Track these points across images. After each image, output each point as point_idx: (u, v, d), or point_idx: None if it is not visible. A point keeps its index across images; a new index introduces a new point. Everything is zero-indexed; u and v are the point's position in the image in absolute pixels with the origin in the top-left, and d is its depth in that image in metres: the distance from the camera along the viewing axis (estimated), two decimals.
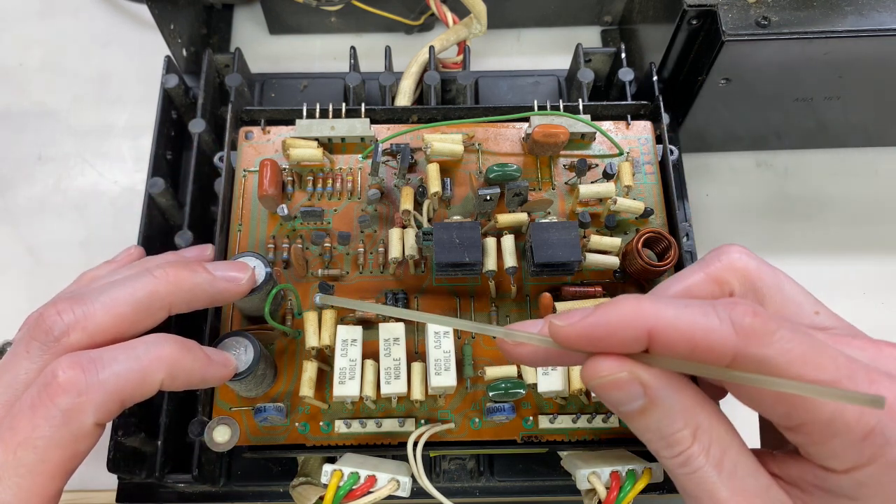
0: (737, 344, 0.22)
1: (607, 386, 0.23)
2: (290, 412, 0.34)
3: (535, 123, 0.38)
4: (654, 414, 0.23)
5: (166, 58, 0.44)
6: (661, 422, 0.23)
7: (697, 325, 0.22)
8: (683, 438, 0.23)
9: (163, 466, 0.36)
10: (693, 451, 0.23)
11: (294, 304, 0.35)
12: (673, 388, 0.23)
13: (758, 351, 0.22)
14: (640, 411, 0.23)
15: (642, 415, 0.23)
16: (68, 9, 0.53)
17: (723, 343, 0.22)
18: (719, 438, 0.23)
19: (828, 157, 0.49)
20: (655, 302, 0.23)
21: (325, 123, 0.38)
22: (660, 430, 0.23)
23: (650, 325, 0.22)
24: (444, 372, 0.32)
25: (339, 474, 0.30)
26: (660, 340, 0.22)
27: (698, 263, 0.26)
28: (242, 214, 0.37)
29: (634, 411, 0.23)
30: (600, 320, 0.23)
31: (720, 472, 0.23)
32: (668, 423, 0.23)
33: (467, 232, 0.34)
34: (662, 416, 0.23)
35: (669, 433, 0.23)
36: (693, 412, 0.23)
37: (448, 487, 0.39)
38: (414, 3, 0.48)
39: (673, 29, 0.40)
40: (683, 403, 0.23)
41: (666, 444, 0.23)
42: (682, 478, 0.24)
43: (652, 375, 0.23)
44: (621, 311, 0.22)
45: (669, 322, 0.22)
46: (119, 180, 0.47)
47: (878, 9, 0.38)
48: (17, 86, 0.50)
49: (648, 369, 0.23)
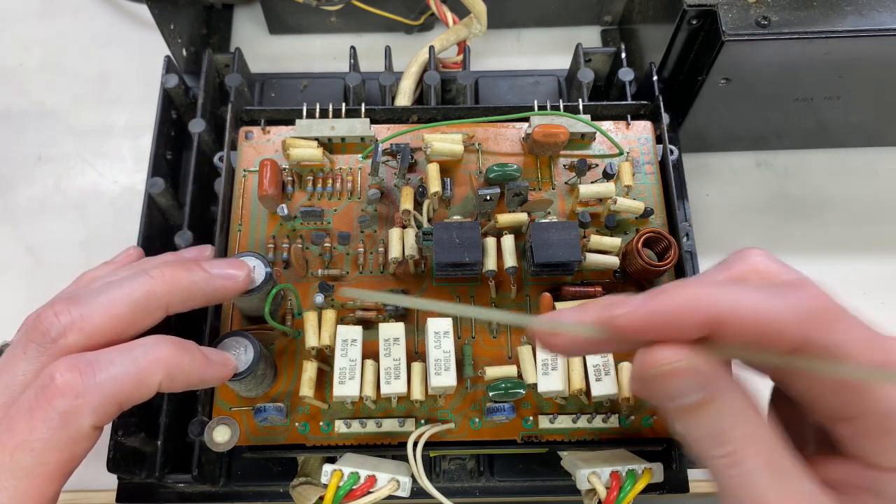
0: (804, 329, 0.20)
1: (666, 376, 0.21)
2: (290, 412, 0.34)
3: (535, 123, 0.38)
4: (711, 410, 0.22)
5: (166, 58, 0.44)
6: (717, 419, 0.22)
7: (763, 310, 0.21)
8: (737, 437, 0.22)
9: (163, 466, 0.36)
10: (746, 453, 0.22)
11: (294, 304, 0.35)
12: (732, 384, 0.22)
13: (826, 337, 0.20)
14: (697, 406, 0.22)
15: (698, 410, 0.22)
16: (68, 9, 0.53)
17: (789, 328, 0.20)
18: (770, 440, 0.22)
19: (828, 157, 0.49)
20: (715, 286, 0.21)
21: (325, 123, 0.38)
22: (712, 428, 0.22)
23: (712, 311, 0.21)
24: (444, 372, 0.32)
25: (339, 474, 0.30)
26: (723, 327, 0.21)
27: (718, 266, 0.25)
28: (242, 214, 0.37)
29: (690, 406, 0.22)
30: (660, 308, 0.21)
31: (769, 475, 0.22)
32: (725, 419, 0.22)
33: (467, 232, 0.34)
34: (719, 412, 0.22)
35: (722, 431, 0.22)
36: (749, 410, 0.22)
37: (448, 487, 0.39)
38: (414, 3, 0.48)
39: (673, 29, 0.40)
40: (741, 400, 0.22)
41: (718, 442, 0.22)
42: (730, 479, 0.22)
43: (715, 368, 0.21)
44: (682, 296, 0.21)
45: (733, 307, 0.21)
46: (119, 180, 0.47)
47: (878, 9, 0.38)
48: (17, 86, 0.50)
49: (711, 361, 0.21)
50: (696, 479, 0.40)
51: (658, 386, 0.22)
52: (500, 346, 0.35)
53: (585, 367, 0.33)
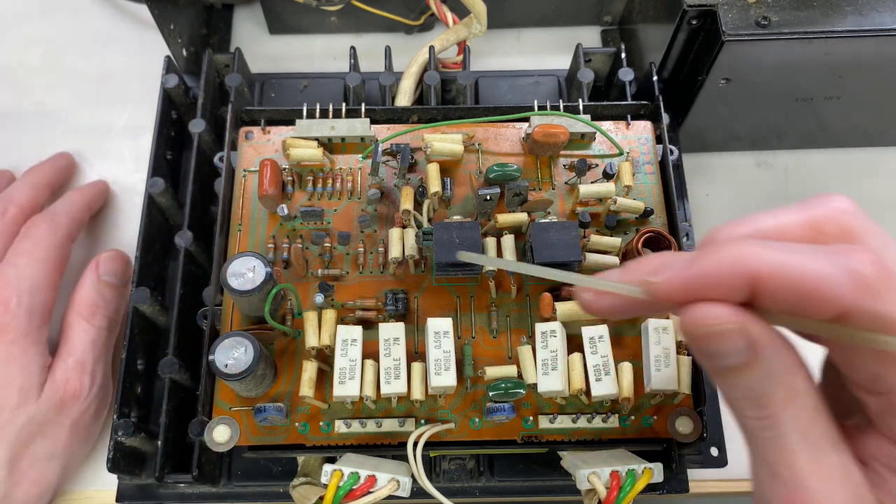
0: (849, 296, 0.20)
1: (711, 336, 0.21)
2: (290, 412, 0.34)
3: (535, 123, 0.38)
4: (755, 372, 0.21)
5: (166, 58, 0.44)
6: (759, 380, 0.21)
7: (809, 272, 0.20)
8: (777, 401, 0.21)
9: (163, 466, 0.36)
10: (784, 417, 0.21)
11: (294, 304, 0.35)
12: (777, 346, 0.21)
13: (874, 306, 0.20)
14: (740, 367, 0.21)
15: (741, 371, 0.21)
16: (68, 9, 0.53)
17: (836, 294, 0.20)
18: (811, 406, 0.22)
19: (828, 157, 0.49)
20: (759, 245, 0.20)
21: (325, 123, 0.38)
22: (753, 389, 0.22)
23: (755, 271, 0.20)
24: (444, 372, 0.32)
25: (339, 474, 0.30)
26: (766, 288, 0.20)
27: (798, 204, 0.23)
28: (242, 214, 0.37)
29: (733, 366, 0.21)
30: (701, 272, 0.21)
31: (805, 441, 0.21)
32: (766, 382, 0.21)
33: (467, 232, 0.34)
34: (762, 374, 0.21)
35: (763, 393, 0.21)
36: (792, 374, 0.21)
37: (448, 487, 0.39)
38: (414, 3, 0.48)
39: (673, 29, 0.40)
40: (785, 364, 0.21)
41: (756, 404, 0.22)
42: (764, 441, 0.22)
43: (761, 329, 0.21)
44: (723, 257, 0.20)
45: (776, 267, 0.20)
46: (119, 180, 0.47)
47: (878, 9, 0.38)
48: (17, 86, 0.50)
49: (758, 321, 0.21)
50: (696, 479, 0.40)
51: (701, 345, 0.21)
52: (500, 346, 0.35)
53: (585, 367, 0.33)
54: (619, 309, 0.23)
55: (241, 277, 0.32)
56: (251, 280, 0.32)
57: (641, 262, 0.23)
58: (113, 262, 0.41)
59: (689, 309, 0.21)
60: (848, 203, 0.23)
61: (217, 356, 0.31)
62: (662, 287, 0.21)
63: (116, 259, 0.41)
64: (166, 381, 0.37)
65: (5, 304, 0.36)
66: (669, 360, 0.33)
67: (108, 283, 0.40)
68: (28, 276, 0.38)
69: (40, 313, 0.38)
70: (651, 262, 0.22)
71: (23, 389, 0.36)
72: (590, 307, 0.24)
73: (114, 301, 0.41)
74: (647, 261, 0.23)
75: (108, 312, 0.40)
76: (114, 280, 0.41)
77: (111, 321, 0.40)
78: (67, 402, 0.37)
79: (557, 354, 0.33)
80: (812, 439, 0.21)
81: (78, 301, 0.39)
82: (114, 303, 0.41)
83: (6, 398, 0.35)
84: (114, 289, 0.41)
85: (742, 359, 0.21)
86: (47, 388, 0.36)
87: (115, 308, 0.41)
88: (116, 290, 0.41)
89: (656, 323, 0.33)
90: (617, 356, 0.34)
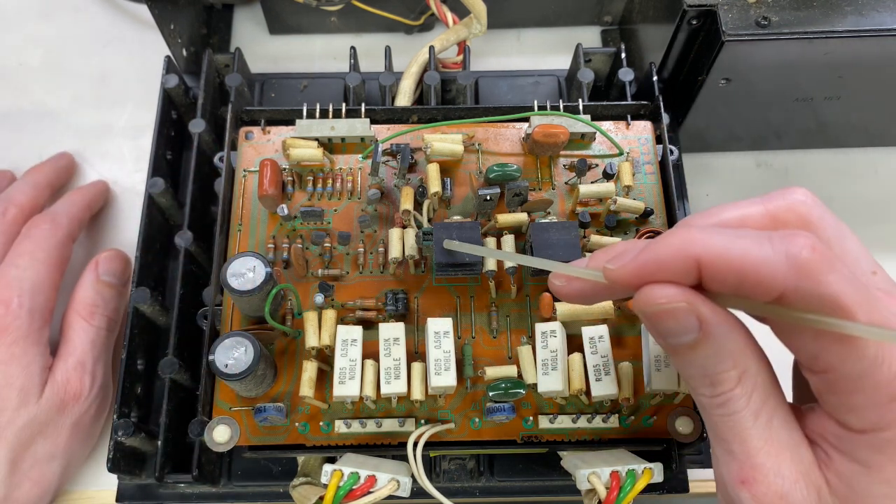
0: (788, 278, 0.20)
1: (662, 315, 0.22)
2: (290, 412, 0.34)
3: (535, 123, 0.38)
4: (705, 350, 0.22)
5: (166, 58, 0.44)
6: (710, 359, 0.22)
7: (749, 256, 0.21)
8: (728, 379, 0.22)
9: (163, 466, 0.36)
10: (735, 394, 0.22)
11: (294, 304, 0.35)
12: (728, 326, 0.22)
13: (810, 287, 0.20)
14: (691, 345, 0.22)
15: (692, 349, 0.22)
16: (68, 9, 0.53)
17: (773, 276, 0.21)
18: (763, 386, 0.23)
19: (828, 157, 0.49)
20: (706, 231, 0.22)
21: (325, 123, 0.38)
22: (705, 368, 0.23)
23: (698, 255, 0.21)
24: (444, 372, 0.32)
25: (339, 474, 0.30)
26: (709, 271, 0.21)
27: (759, 197, 0.24)
28: (242, 214, 0.37)
29: (684, 344, 0.22)
30: (650, 257, 0.22)
31: (757, 419, 0.22)
32: (717, 361, 0.22)
33: (467, 232, 0.34)
34: (713, 353, 0.22)
35: (715, 372, 0.22)
36: (743, 354, 0.22)
37: (448, 487, 0.39)
38: (414, 3, 0.48)
39: (673, 29, 0.40)
40: (736, 344, 0.22)
41: (709, 382, 0.23)
42: (718, 419, 0.23)
43: (710, 309, 0.22)
44: (670, 243, 0.22)
45: (719, 252, 0.21)
46: (119, 180, 0.47)
47: (878, 9, 0.38)
48: (17, 86, 0.50)
49: (707, 302, 0.22)
50: (696, 479, 0.40)
51: (654, 323, 0.23)
52: (500, 346, 0.35)
53: (585, 367, 0.33)
54: (586, 294, 0.25)
55: (241, 277, 0.32)
56: (251, 280, 0.32)
57: (606, 250, 0.25)
58: (112, 261, 0.41)
59: (642, 290, 0.22)
60: (806, 195, 0.24)
61: (217, 356, 0.31)
62: (617, 273, 0.22)
63: (116, 259, 0.41)
64: (166, 381, 0.37)
65: (6, 304, 0.36)
66: (669, 360, 0.33)
67: (108, 282, 0.40)
68: (29, 276, 0.38)
69: (41, 314, 0.38)
70: (613, 250, 0.24)
71: (24, 390, 0.36)
72: (560, 292, 0.25)
73: (113, 301, 0.41)
74: (611, 249, 0.24)
75: (107, 312, 0.40)
76: (113, 280, 0.41)
77: (111, 321, 0.40)
78: (68, 402, 0.37)
79: (557, 354, 0.33)
80: (763, 418, 0.22)
81: (77, 301, 0.39)
82: (113, 302, 0.41)
83: (7, 399, 0.35)
84: (113, 288, 0.41)
85: (693, 337, 0.22)
86: (48, 388, 0.36)
87: (114, 308, 0.41)
88: (116, 290, 0.41)
89: None
90: (617, 356, 0.34)
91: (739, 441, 0.22)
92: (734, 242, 0.21)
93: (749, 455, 0.22)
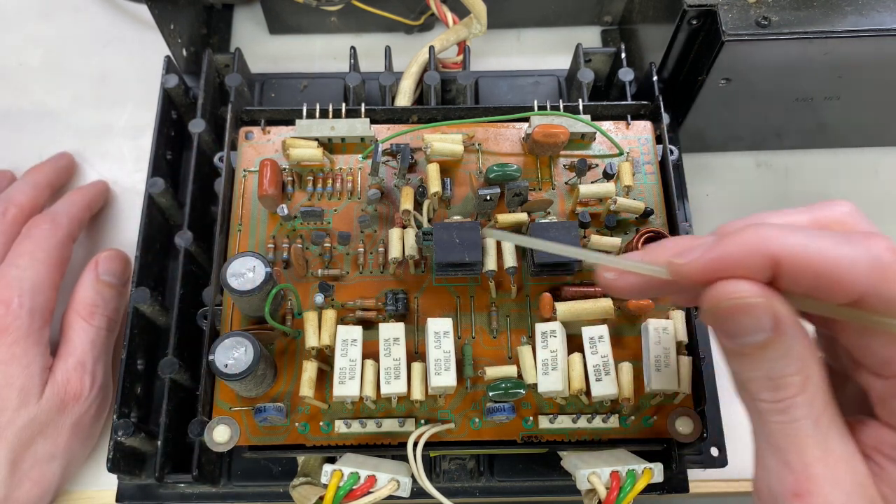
0: (869, 280, 0.20)
1: (737, 310, 0.21)
2: (290, 412, 0.34)
3: (535, 123, 0.38)
4: (775, 351, 0.21)
5: (166, 58, 0.44)
6: (778, 361, 0.21)
7: (829, 256, 0.20)
8: (793, 384, 0.21)
9: (163, 466, 0.36)
10: (798, 401, 0.21)
11: (294, 304, 0.35)
12: (798, 328, 0.21)
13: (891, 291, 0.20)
14: (761, 346, 0.21)
15: (761, 350, 0.21)
16: (68, 9, 0.53)
17: (853, 279, 0.20)
18: (823, 394, 0.22)
19: (828, 157, 0.49)
20: (782, 229, 0.21)
21: (325, 123, 0.38)
22: (772, 370, 0.22)
23: (776, 253, 0.20)
24: (444, 372, 0.32)
25: (339, 474, 0.30)
26: (786, 270, 0.20)
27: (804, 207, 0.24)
28: (242, 214, 0.37)
29: (754, 344, 0.21)
30: (723, 253, 0.21)
31: (817, 428, 0.21)
32: (784, 364, 0.21)
33: (467, 232, 0.34)
34: (781, 355, 0.21)
35: (781, 375, 0.21)
36: (809, 360, 0.22)
37: (448, 487, 0.39)
38: (414, 3, 0.48)
39: (673, 29, 0.40)
40: (803, 347, 0.21)
41: (772, 385, 0.22)
42: (776, 426, 0.22)
43: (786, 308, 0.21)
44: (746, 240, 0.21)
45: (797, 250, 0.20)
46: (119, 180, 0.47)
47: (878, 9, 0.38)
48: (17, 86, 0.50)
49: (784, 301, 0.21)
50: (696, 479, 0.40)
51: (725, 319, 0.22)
52: (500, 346, 0.35)
53: (585, 367, 0.33)
54: (638, 289, 0.24)
55: (241, 277, 0.32)
56: (251, 280, 0.32)
57: (662, 244, 0.24)
58: (112, 261, 0.41)
59: (717, 284, 0.21)
60: (852, 207, 0.24)
61: (217, 356, 0.31)
62: (686, 268, 0.22)
63: (115, 259, 0.41)
64: (166, 381, 0.37)
65: (7, 304, 0.36)
66: (669, 360, 0.33)
67: (107, 282, 0.40)
68: (30, 276, 0.38)
69: (42, 314, 0.38)
70: (674, 245, 0.23)
71: (24, 390, 0.36)
72: (611, 286, 0.25)
73: (113, 300, 0.41)
74: (669, 243, 0.24)
75: (107, 312, 0.40)
76: (113, 280, 0.41)
77: (110, 321, 0.40)
78: (68, 402, 0.37)
79: (557, 354, 0.33)
80: (822, 427, 0.22)
81: (77, 301, 0.39)
82: (113, 302, 0.41)
83: (7, 399, 0.35)
84: (113, 288, 0.41)
85: (765, 336, 0.21)
86: (48, 388, 0.36)
87: (114, 308, 0.41)
88: (115, 290, 0.41)
89: (656, 323, 0.33)
90: (617, 356, 0.34)
91: (797, 451, 0.22)
92: (813, 241, 0.20)
93: (806, 466, 0.21)
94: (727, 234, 0.22)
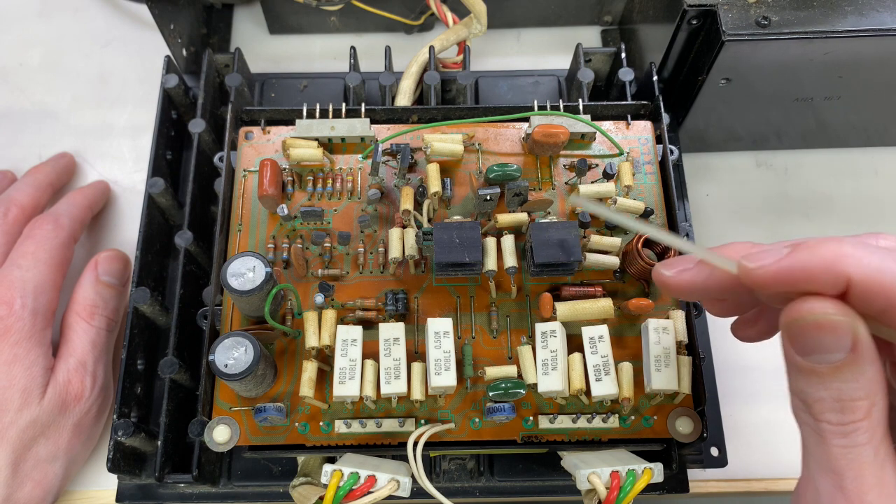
0: None
1: (819, 327, 0.21)
2: (290, 412, 0.34)
3: (535, 123, 0.38)
4: (849, 373, 0.21)
5: (166, 58, 0.44)
6: (850, 384, 0.21)
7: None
8: (860, 408, 0.21)
9: (163, 466, 0.36)
10: (863, 426, 0.21)
11: (294, 304, 0.35)
12: (873, 353, 0.21)
13: None
14: (836, 366, 0.21)
15: (835, 371, 0.21)
16: (68, 9, 0.53)
17: None
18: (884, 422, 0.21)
19: (828, 157, 0.49)
20: (859, 248, 0.21)
21: (325, 123, 0.38)
22: (842, 392, 0.21)
23: (851, 272, 0.20)
24: (444, 372, 0.32)
25: (339, 474, 0.30)
26: (858, 291, 0.20)
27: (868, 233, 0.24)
28: (242, 214, 0.37)
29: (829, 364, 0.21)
30: (797, 263, 0.21)
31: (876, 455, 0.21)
32: (856, 387, 0.21)
33: (467, 232, 0.34)
34: (854, 377, 0.21)
35: (851, 398, 0.21)
36: (877, 385, 0.21)
37: (448, 487, 0.39)
38: (414, 3, 0.48)
39: (673, 29, 0.40)
40: (875, 373, 0.21)
41: (840, 408, 0.21)
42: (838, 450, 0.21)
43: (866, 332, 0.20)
44: (822, 255, 0.21)
45: (872, 272, 0.20)
46: (119, 180, 0.47)
47: (878, 9, 0.38)
48: (17, 86, 0.50)
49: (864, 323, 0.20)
50: (696, 479, 0.40)
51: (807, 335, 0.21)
52: (500, 346, 0.35)
53: (585, 367, 0.33)
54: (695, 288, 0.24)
55: (241, 277, 0.32)
56: (251, 280, 0.32)
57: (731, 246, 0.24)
58: (111, 261, 0.41)
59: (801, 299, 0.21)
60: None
61: (217, 356, 0.31)
62: (757, 272, 0.22)
63: (115, 259, 0.41)
64: (166, 381, 0.37)
65: (10, 305, 0.36)
66: (669, 360, 0.33)
67: (107, 282, 0.40)
68: (32, 277, 0.38)
69: (44, 315, 0.38)
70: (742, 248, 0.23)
71: (26, 391, 0.36)
72: (667, 283, 0.25)
73: (113, 301, 0.41)
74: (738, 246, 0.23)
75: (107, 312, 0.40)
76: (112, 280, 0.41)
77: (110, 321, 0.40)
78: (70, 403, 0.37)
79: (557, 354, 0.33)
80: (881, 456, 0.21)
81: (77, 301, 0.39)
82: (113, 302, 0.41)
83: (10, 400, 0.35)
84: (112, 288, 0.41)
85: (841, 357, 0.21)
86: (50, 389, 0.36)
87: (114, 308, 0.41)
88: (115, 290, 0.41)
89: (656, 323, 0.33)
90: (617, 356, 0.34)
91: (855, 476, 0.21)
92: (890, 266, 0.20)
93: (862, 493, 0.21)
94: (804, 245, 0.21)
